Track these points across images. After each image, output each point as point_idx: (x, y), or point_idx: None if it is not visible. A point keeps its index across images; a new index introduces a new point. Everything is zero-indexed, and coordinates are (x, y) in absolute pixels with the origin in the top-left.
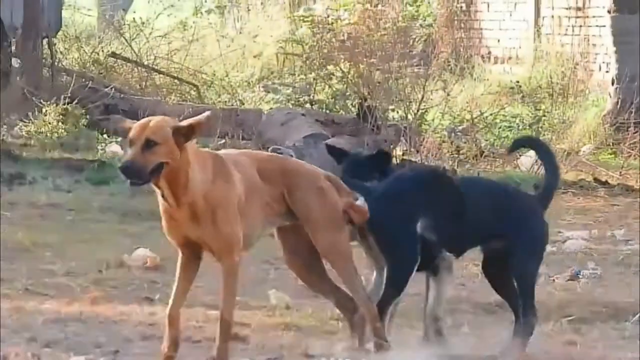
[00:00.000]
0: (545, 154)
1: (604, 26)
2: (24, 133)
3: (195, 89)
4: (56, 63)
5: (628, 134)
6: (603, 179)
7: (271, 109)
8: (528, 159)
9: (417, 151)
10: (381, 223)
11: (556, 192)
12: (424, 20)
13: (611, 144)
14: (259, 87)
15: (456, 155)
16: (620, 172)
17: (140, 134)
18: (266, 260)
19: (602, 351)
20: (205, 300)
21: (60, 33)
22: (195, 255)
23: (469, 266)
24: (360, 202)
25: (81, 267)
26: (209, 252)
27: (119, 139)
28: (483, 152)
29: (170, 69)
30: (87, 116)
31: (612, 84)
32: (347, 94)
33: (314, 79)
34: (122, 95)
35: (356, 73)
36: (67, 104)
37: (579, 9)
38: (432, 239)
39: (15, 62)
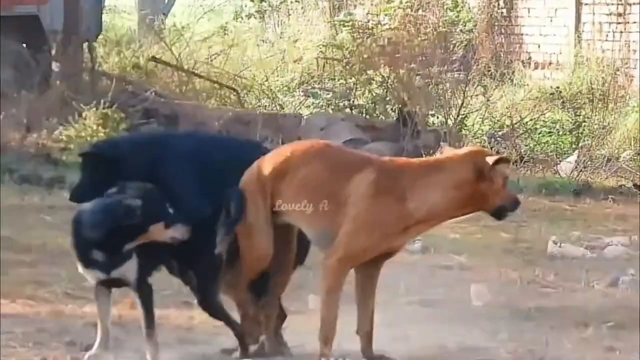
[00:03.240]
0: None
1: None
2: (63, 137)
3: (235, 93)
4: (96, 67)
5: None
6: None
7: (311, 113)
8: (568, 164)
9: None
10: None
11: (597, 199)
12: (465, 26)
13: None
14: (299, 91)
15: None
16: None
17: None
18: (305, 264)
19: None
20: None
21: (100, 37)
22: None
23: (507, 272)
24: None
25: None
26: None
27: None
28: (523, 157)
29: (210, 73)
30: (127, 120)
31: None
32: (387, 99)
33: (354, 83)
34: (161, 100)
35: (396, 78)
36: (107, 108)
37: (619, 14)
38: None
39: (55, 66)
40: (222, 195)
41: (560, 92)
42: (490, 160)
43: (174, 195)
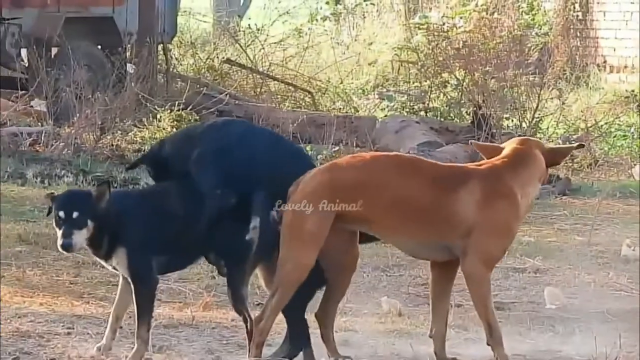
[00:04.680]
0: None
1: None
2: (138, 139)
3: (309, 95)
4: (171, 69)
5: None
6: None
7: (385, 116)
8: None
9: None
10: None
11: None
12: (540, 29)
13: None
14: (374, 94)
15: (570, 164)
16: None
17: None
18: (378, 267)
19: None
20: None
21: (175, 39)
22: None
23: (581, 275)
24: None
25: (193, 273)
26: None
27: None
28: (597, 160)
29: (285, 76)
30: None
31: None
32: (462, 101)
33: (428, 86)
34: (236, 102)
35: (471, 81)
36: (182, 110)
37: None
38: None
39: (130, 68)
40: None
41: (635, 95)
42: (571, 146)
43: (199, 184)
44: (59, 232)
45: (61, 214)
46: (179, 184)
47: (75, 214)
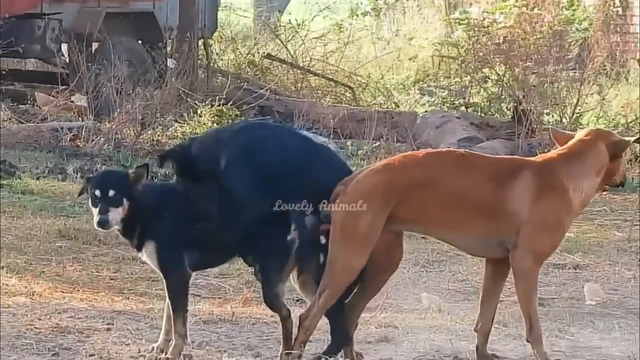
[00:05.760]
0: None
1: None
2: (179, 134)
3: (350, 91)
4: (212, 64)
5: None
6: None
7: (426, 111)
8: None
9: None
10: None
11: None
12: (580, 24)
13: None
14: (414, 89)
15: None
16: None
17: None
18: (418, 263)
19: None
20: None
21: (216, 34)
22: None
23: (621, 271)
24: None
25: (234, 269)
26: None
27: None
28: (638, 156)
29: (326, 71)
30: (242, 117)
31: None
32: (502, 97)
33: (469, 82)
34: (277, 97)
35: (511, 76)
36: (222, 105)
37: None
38: None
39: (170, 63)
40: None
41: None
42: (628, 139)
43: (231, 190)
44: (95, 211)
45: (97, 192)
46: (214, 184)
47: (111, 192)
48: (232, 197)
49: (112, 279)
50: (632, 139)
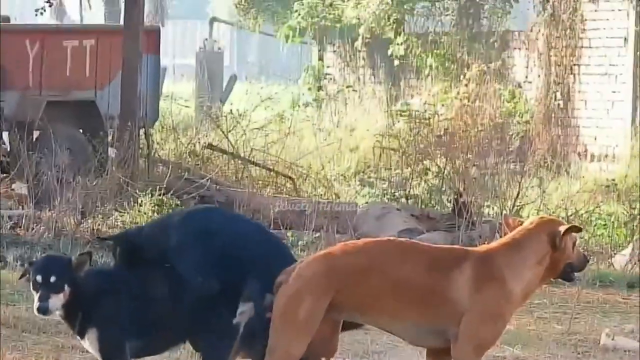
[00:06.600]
0: None
1: None
2: (119, 223)
3: (291, 181)
4: (152, 154)
5: None
6: None
7: (367, 203)
8: (622, 257)
9: None
10: None
11: None
12: (521, 117)
13: None
14: (355, 180)
15: None
16: None
17: None
18: (357, 353)
19: None
20: None
21: (157, 124)
22: None
23: None
24: None
25: (173, 358)
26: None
27: None
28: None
29: (267, 161)
30: (183, 207)
31: None
32: (443, 189)
33: (410, 173)
34: (217, 187)
35: (452, 168)
36: (163, 194)
37: None
38: None
39: (111, 152)
40: (239, 278)
41: (616, 184)
42: (562, 229)
43: (181, 271)
44: (36, 296)
45: (39, 278)
46: (159, 268)
47: (53, 278)
48: (178, 282)
49: None
50: (565, 227)
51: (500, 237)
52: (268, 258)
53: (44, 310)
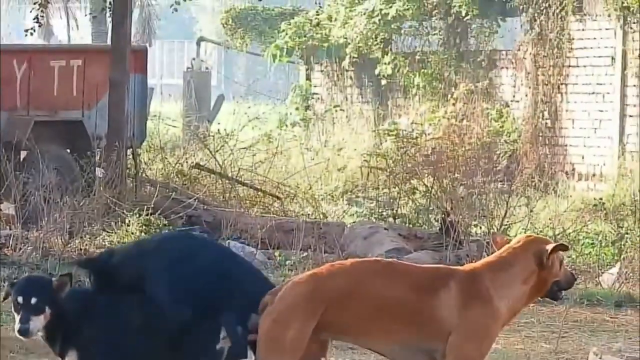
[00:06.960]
0: None
1: None
2: (107, 243)
3: (278, 201)
4: (140, 173)
5: None
6: None
7: (354, 222)
8: (610, 276)
9: None
10: None
11: (638, 311)
12: (509, 136)
13: None
14: (343, 200)
15: None
16: None
17: None
18: None
19: None
20: None
21: (144, 143)
22: None
23: None
24: None
25: None
26: None
27: None
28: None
29: (254, 181)
30: (170, 227)
31: None
32: (430, 208)
33: (397, 193)
34: (205, 207)
35: (440, 188)
36: (150, 214)
37: None
38: None
39: (99, 172)
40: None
41: (604, 203)
42: (549, 247)
43: (154, 299)
44: (17, 318)
45: (19, 299)
46: (133, 293)
47: (34, 300)
48: (155, 308)
49: None
50: (552, 245)
51: (488, 255)
52: (243, 284)
53: (24, 332)
